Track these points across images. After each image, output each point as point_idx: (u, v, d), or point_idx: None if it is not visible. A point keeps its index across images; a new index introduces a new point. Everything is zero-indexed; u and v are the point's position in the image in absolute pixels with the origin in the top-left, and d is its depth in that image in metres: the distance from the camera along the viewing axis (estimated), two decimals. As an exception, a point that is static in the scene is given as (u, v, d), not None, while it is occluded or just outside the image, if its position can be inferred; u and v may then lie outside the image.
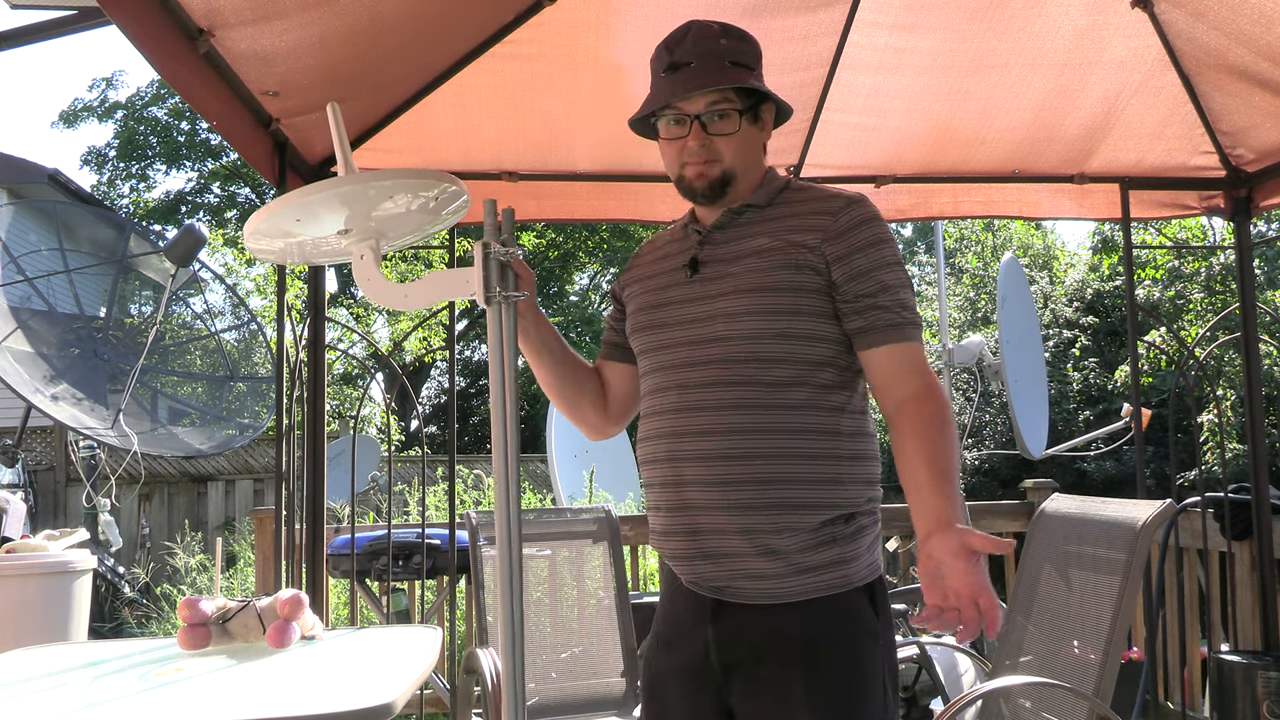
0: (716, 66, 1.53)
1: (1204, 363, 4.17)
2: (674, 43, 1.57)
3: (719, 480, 1.48)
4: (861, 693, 1.45)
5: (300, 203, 1.43)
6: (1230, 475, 7.20)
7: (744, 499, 1.47)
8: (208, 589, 6.15)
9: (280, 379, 2.99)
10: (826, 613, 1.47)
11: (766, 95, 1.57)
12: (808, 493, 1.47)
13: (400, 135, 3.06)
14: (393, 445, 4.60)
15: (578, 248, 17.15)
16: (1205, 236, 9.53)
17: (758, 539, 1.47)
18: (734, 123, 1.54)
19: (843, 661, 1.45)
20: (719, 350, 1.51)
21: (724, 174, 1.55)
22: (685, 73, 1.53)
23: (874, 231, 1.51)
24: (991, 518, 4.50)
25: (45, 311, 6.66)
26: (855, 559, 1.49)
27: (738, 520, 1.47)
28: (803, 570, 1.46)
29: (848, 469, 1.51)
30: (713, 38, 1.55)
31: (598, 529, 3.24)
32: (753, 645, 1.48)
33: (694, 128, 1.53)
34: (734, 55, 1.55)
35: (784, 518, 1.46)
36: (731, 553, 1.48)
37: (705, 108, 1.53)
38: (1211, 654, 3.44)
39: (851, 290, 1.49)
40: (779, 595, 1.47)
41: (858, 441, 1.53)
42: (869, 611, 1.49)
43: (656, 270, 1.65)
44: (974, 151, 3.41)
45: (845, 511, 1.49)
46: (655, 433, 1.57)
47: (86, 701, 1.52)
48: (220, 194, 17.03)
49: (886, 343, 1.49)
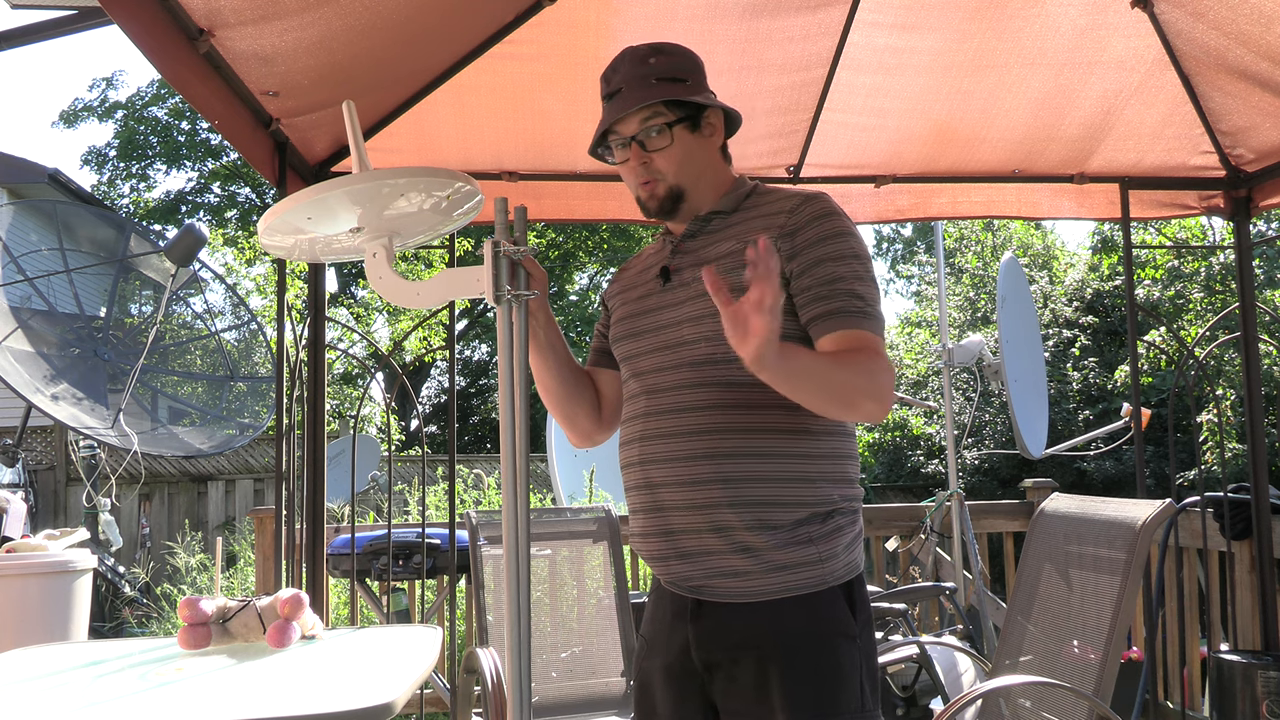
0: (642, 86, 1.56)
1: (1204, 362, 4.17)
2: (610, 71, 1.61)
3: (687, 480, 1.50)
4: (837, 691, 1.46)
5: (314, 200, 1.43)
6: (1230, 475, 7.21)
7: (713, 498, 1.48)
8: (208, 589, 6.15)
9: (280, 379, 2.99)
10: (802, 611, 1.48)
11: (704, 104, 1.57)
12: (776, 490, 1.48)
13: (400, 135, 3.06)
14: (393, 445, 4.60)
15: (578, 248, 17.14)
16: (1205, 236, 9.52)
17: (732, 536, 1.48)
18: (667, 137, 1.57)
19: (818, 660, 1.46)
20: (686, 354, 1.54)
21: (670, 190, 1.59)
22: (617, 99, 1.57)
23: (829, 225, 1.52)
24: (991, 517, 4.51)
25: (45, 311, 6.66)
26: (832, 558, 1.50)
27: (709, 518, 1.49)
28: (778, 568, 1.47)
29: (818, 467, 1.51)
30: (641, 61, 1.58)
31: (598, 529, 3.24)
32: (731, 644, 1.50)
33: (634, 149, 1.57)
34: (662, 72, 1.57)
35: (754, 514, 1.47)
36: (706, 551, 1.50)
37: (639, 127, 1.56)
38: (1211, 654, 3.44)
39: (803, 283, 1.50)
40: (755, 593, 1.48)
41: (830, 440, 1.53)
42: (845, 611, 1.50)
43: (637, 281, 1.69)
44: (974, 151, 3.41)
45: (820, 510, 1.50)
46: (629, 438, 1.61)
47: (86, 701, 1.52)
48: (220, 194, 17.02)
49: (836, 330, 1.47)
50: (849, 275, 1.49)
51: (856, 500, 1.57)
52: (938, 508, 4.34)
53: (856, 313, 1.47)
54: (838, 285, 1.48)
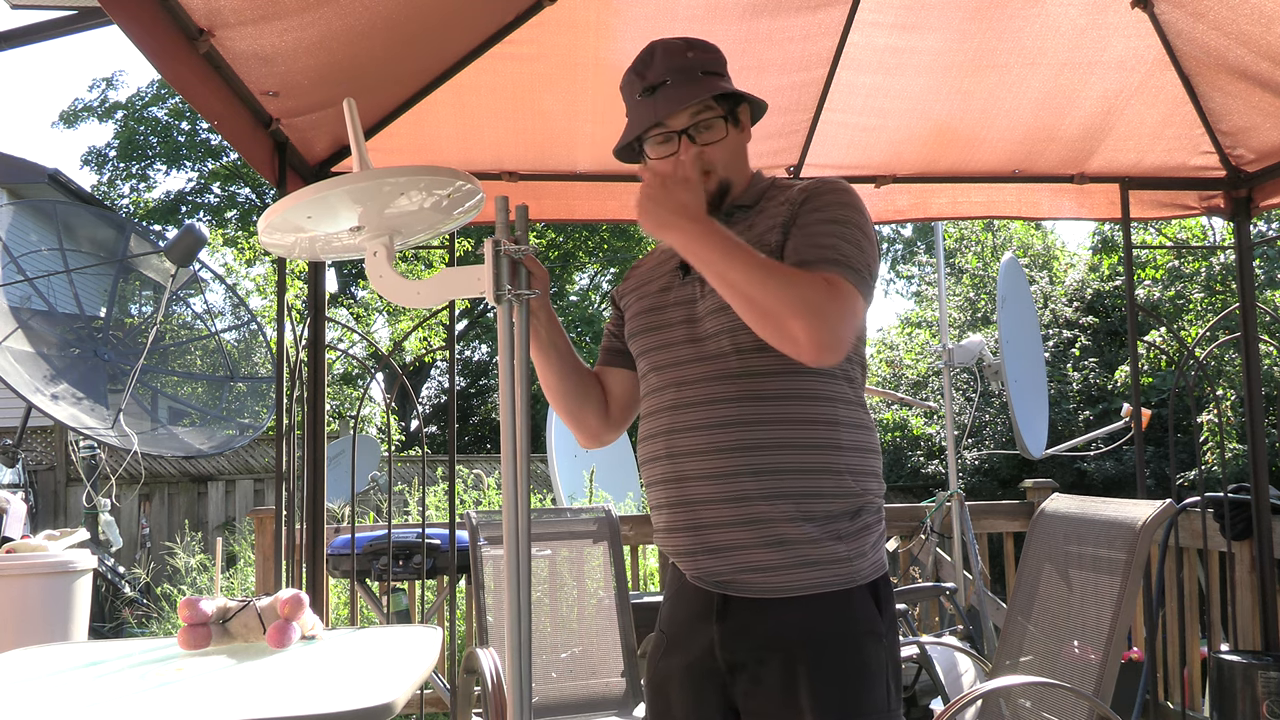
0: (693, 79, 1.56)
1: (1204, 363, 4.17)
2: (643, 66, 1.60)
3: (718, 473, 1.49)
4: (865, 692, 1.45)
5: (315, 198, 1.43)
6: (1230, 475, 7.21)
7: (744, 490, 1.47)
8: (208, 589, 6.16)
9: (280, 379, 2.99)
10: (831, 610, 1.47)
11: (743, 97, 1.60)
12: (809, 482, 1.47)
13: (400, 135, 3.06)
14: (393, 445, 4.60)
15: (578, 248, 17.15)
16: (1205, 236, 9.52)
17: (765, 529, 1.47)
18: (720, 130, 1.57)
19: (846, 660, 1.45)
20: (711, 346, 1.53)
21: (720, 184, 1.59)
22: (664, 91, 1.56)
23: (833, 198, 1.52)
24: (991, 518, 4.51)
25: (45, 311, 6.66)
26: (861, 556, 1.49)
27: (739, 512, 1.48)
28: (808, 564, 1.46)
29: (848, 459, 1.51)
30: (680, 53, 1.58)
31: (598, 529, 3.24)
32: (757, 642, 1.48)
33: (683, 142, 1.56)
34: (704, 66, 1.58)
35: (786, 507, 1.47)
36: (735, 545, 1.49)
37: (690, 120, 1.56)
38: (1211, 654, 3.44)
39: (793, 243, 1.49)
40: (783, 589, 1.47)
41: (857, 433, 1.53)
42: (873, 610, 1.49)
43: (653, 275, 1.68)
44: (974, 151, 3.42)
45: (850, 504, 1.50)
46: (654, 431, 1.58)
47: (86, 701, 1.52)
48: (220, 194, 17.02)
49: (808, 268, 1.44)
50: (837, 235, 1.47)
51: (881, 497, 1.57)
52: (938, 508, 4.34)
53: (831, 260, 1.44)
54: (822, 239, 1.46)
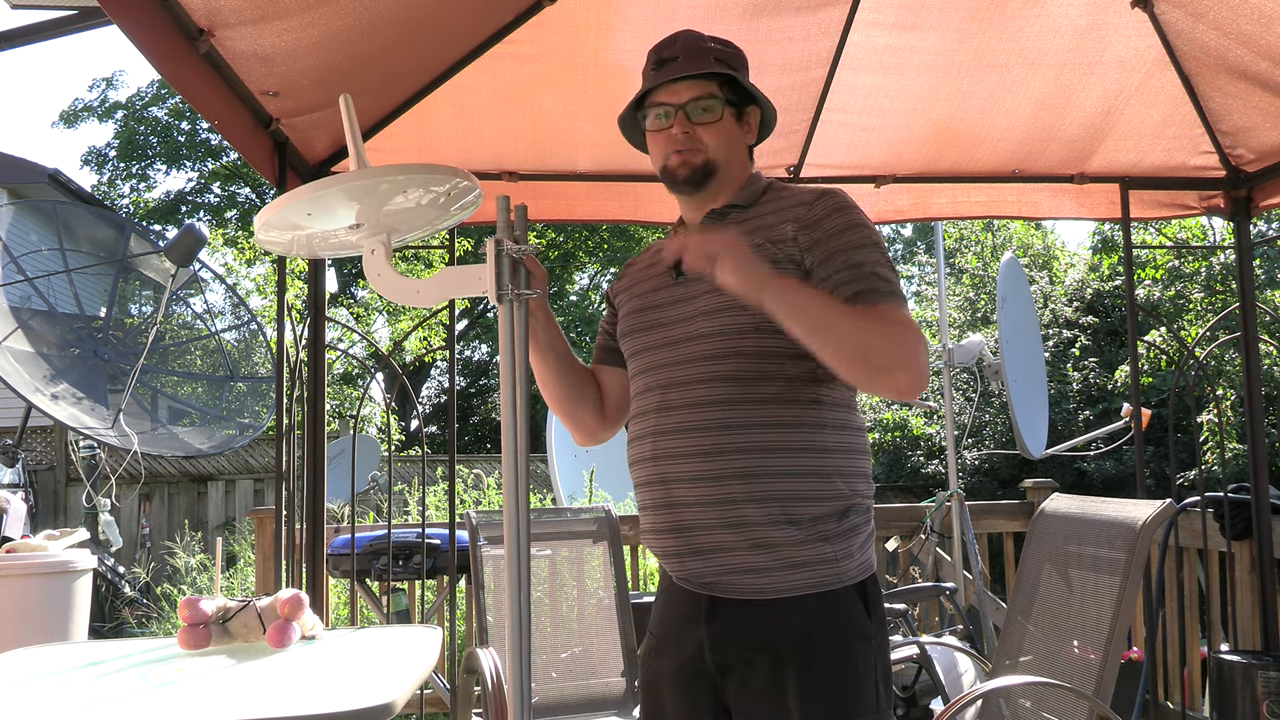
0: (702, 58, 1.58)
1: (1204, 363, 4.17)
2: (664, 45, 1.63)
3: (702, 476, 1.49)
4: (853, 693, 1.45)
5: (313, 196, 1.43)
6: (1230, 475, 7.21)
7: (729, 493, 1.48)
8: (208, 589, 6.15)
9: (280, 379, 2.99)
10: (818, 611, 1.47)
11: (752, 98, 1.62)
12: (795, 484, 1.48)
13: (400, 135, 3.06)
14: (393, 445, 4.60)
15: (578, 248, 17.14)
16: (1205, 236, 9.52)
17: (747, 532, 1.47)
18: (716, 113, 1.59)
19: (834, 661, 1.46)
20: (699, 348, 1.53)
21: (706, 162, 1.59)
22: (671, 65, 1.59)
23: (847, 218, 1.53)
24: (991, 518, 4.51)
25: (45, 311, 6.66)
26: (848, 557, 1.49)
27: (724, 514, 1.48)
28: (794, 565, 1.47)
29: (836, 461, 1.51)
30: (701, 39, 1.61)
31: (598, 529, 3.24)
32: (745, 644, 1.49)
33: (679, 117, 1.58)
34: (720, 55, 1.61)
35: (779, 509, 1.47)
36: (720, 547, 1.49)
37: (689, 99, 1.57)
38: (1211, 654, 3.44)
39: (826, 272, 1.50)
40: (770, 590, 1.47)
41: (843, 434, 1.53)
42: (861, 610, 1.49)
43: (645, 275, 1.68)
44: (974, 151, 3.41)
45: (836, 506, 1.49)
46: (641, 433, 1.59)
47: (86, 701, 1.52)
48: (220, 194, 17.02)
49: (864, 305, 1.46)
50: (871, 261, 1.49)
51: (870, 498, 1.56)
52: (938, 508, 4.34)
53: (885, 291, 1.47)
54: (862, 269, 1.48)
